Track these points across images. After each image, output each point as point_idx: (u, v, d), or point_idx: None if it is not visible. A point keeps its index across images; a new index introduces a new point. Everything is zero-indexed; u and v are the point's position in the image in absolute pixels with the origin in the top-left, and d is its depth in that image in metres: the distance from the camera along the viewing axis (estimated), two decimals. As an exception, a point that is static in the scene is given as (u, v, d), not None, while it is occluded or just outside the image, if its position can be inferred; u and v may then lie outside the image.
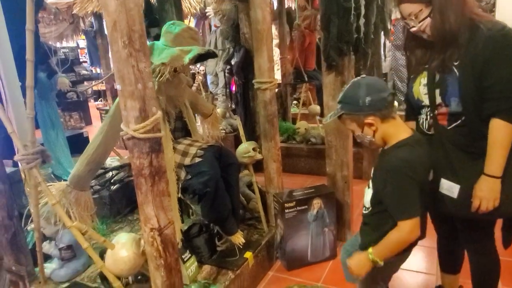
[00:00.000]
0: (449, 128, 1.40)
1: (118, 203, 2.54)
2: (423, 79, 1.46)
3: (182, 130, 2.10)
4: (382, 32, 3.08)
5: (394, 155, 1.29)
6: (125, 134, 1.28)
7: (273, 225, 2.36)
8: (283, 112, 4.80)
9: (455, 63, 1.34)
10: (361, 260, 1.32)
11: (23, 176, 2.09)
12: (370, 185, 1.41)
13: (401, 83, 5.32)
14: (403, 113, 1.67)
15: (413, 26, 1.39)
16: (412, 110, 1.59)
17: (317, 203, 2.21)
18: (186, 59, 1.74)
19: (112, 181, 2.64)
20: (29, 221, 1.87)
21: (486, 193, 1.33)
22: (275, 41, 5.43)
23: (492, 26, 1.30)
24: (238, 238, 2.00)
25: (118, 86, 1.27)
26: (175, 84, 1.94)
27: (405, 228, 1.25)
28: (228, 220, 1.96)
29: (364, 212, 1.44)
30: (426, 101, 1.45)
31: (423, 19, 1.35)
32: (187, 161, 1.89)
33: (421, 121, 1.51)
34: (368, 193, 1.40)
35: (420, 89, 1.47)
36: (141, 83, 1.24)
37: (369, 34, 2.24)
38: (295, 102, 5.78)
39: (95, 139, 1.71)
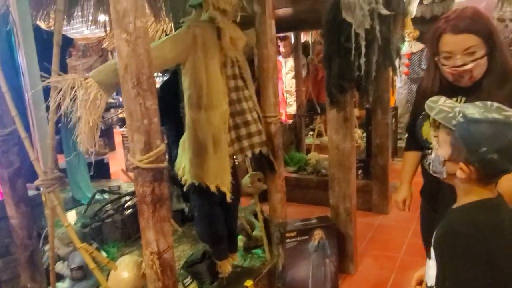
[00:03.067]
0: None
1: (129, 228, 2.67)
2: None
3: (237, 78, 2.02)
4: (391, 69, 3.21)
5: (461, 215, 0.99)
6: (131, 164, 1.42)
7: (276, 254, 2.41)
8: (297, 143, 4.91)
9: None
10: None
11: (43, 199, 2.26)
12: (432, 254, 1.04)
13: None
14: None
15: (462, 65, 1.25)
16: (415, 141, 1.56)
17: (318, 234, 2.26)
18: None
19: (126, 206, 2.78)
20: (46, 242, 2.02)
21: None
22: (292, 73, 5.64)
23: None
24: (225, 266, 2.05)
25: (127, 121, 1.42)
26: (233, 27, 1.97)
27: None
28: (219, 245, 2.04)
29: None
30: (435, 143, 1.42)
31: (477, 59, 1.24)
32: None
33: (428, 161, 1.43)
34: (432, 267, 1.05)
35: (431, 131, 1.46)
36: (147, 119, 1.39)
37: (370, 72, 2.35)
38: (311, 132, 5.88)
39: None
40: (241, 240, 2.53)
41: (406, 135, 1.71)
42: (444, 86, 1.39)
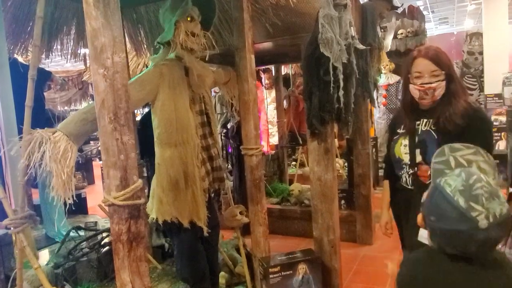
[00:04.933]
0: (427, 183, 1.54)
1: (106, 266, 2.54)
2: (403, 140, 1.68)
3: (203, 113, 2.04)
4: (369, 100, 3.29)
5: (406, 262, 1.10)
6: (106, 201, 1.36)
7: (259, 291, 2.33)
8: (279, 174, 4.89)
9: (433, 128, 1.58)
10: None
11: (14, 238, 2.14)
12: None
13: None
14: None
15: (429, 83, 1.53)
16: (391, 169, 1.80)
17: (302, 268, 2.21)
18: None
19: (102, 243, 2.66)
20: (14, 284, 1.89)
21: None
22: (273, 104, 5.71)
23: (468, 106, 1.55)
24: None
25: (102, 157, 1.38)
26: (201, 64, 2.01)
27: None
28: (201, 284, 1.96)
29: None
30: (406, 159, 1.66)
31: (439, 81, 1.54)
32: None
33: (404, 178, 1.69)
34: None
35: (401, 149, 1.68)
36: (124, 154, 1.35)
37: (349, 104, 2.39)
38: (293, 163, 5.89)
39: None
40: (223, 276, 2.44)
41: (384, 165, 1.94)
42: (411, 111, 1.67)
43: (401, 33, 5.38)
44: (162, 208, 1.88)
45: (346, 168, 4.42)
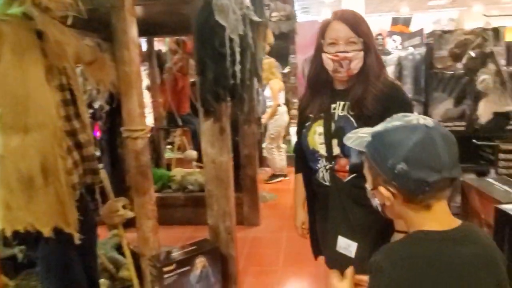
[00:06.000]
0: (345, 180, 1.34)
1: None
2: (318, 127, 1.39)
3: (64, 89, 1.63)
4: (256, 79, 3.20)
5: (389, 246, 0.91)
6: None
7: (150, 294, 2.02)
8: (156, 158, 4.50)
9: (351, 113, 1.33)
10: None
11: None
12: None
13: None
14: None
15: (344, 51, 1.30)
16: (302, 161, 1.53)
17: (200, 262, 1.99)
18: None
19: None
20: None
21: None
22: (144, 83, 5.20)
23: (388, 85, 1.35)
24: None
25: None
26: (60, 29, 1.53)
27: None
28: None
29: None
30: (322, 151, 1.38)
31: (356, 50, 1.31)
32: None
33: (320, 173, 1.41)
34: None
35: (316, 138, 1.40)
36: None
37: (245, 80, 2.22)
38: (169, 146, 5.55)
39: None
40: (103, 284, 2.04)
41: (295, 157, 1.64)
42: (324, 90, 1.43)
43: (275, 16, 5.49)
44: (10, 215, 1.42)
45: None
